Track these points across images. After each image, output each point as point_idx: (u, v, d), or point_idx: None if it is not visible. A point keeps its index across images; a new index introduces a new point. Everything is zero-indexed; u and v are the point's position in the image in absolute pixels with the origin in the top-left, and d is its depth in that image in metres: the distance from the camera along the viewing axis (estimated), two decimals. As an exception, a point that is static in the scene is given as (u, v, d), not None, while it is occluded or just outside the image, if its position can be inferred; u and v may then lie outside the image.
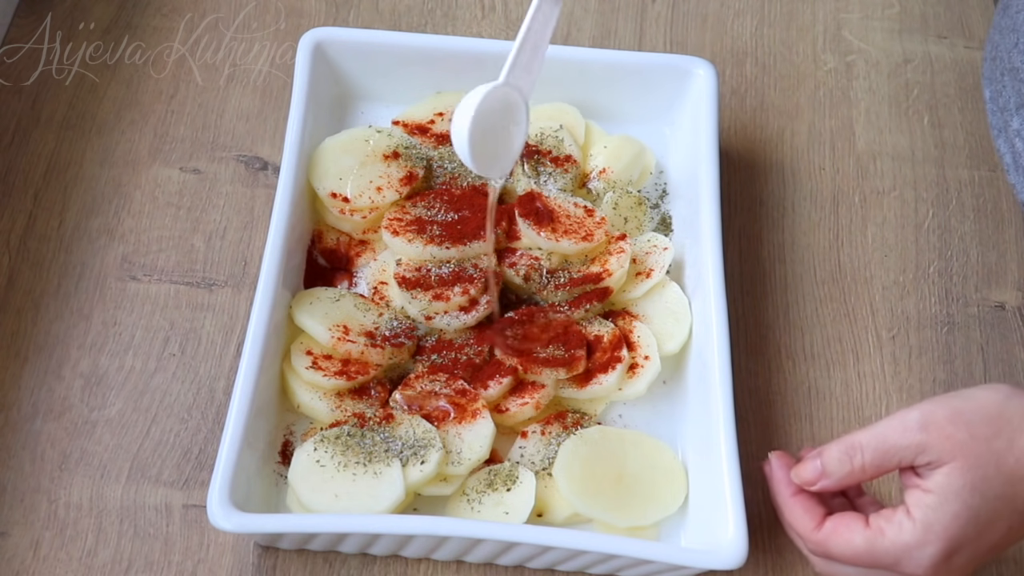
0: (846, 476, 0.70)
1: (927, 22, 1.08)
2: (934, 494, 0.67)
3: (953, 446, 0.67)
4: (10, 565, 0.77)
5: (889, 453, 0.69)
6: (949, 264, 0.95)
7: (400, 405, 0.81)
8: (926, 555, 0.68)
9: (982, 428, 0.67)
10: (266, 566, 0.78)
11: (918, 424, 0.68)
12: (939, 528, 0.67)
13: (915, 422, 0.68)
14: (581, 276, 0.86)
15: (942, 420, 0.67)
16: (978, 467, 0.67)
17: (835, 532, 0.71)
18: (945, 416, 0.67)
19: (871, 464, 0.69)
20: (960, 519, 0.67)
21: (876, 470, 0.70)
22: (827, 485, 0.71)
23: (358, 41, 0.94)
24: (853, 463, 0.70)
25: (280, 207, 0.84)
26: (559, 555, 0.76)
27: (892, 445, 0.68)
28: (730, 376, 0.80)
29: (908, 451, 0.68)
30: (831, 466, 0.71)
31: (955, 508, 0.67)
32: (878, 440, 0.69)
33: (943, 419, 0.67)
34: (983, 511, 0.67)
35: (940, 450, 0.67)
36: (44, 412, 0.82)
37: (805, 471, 0.72)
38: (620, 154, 0.93)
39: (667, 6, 1.07)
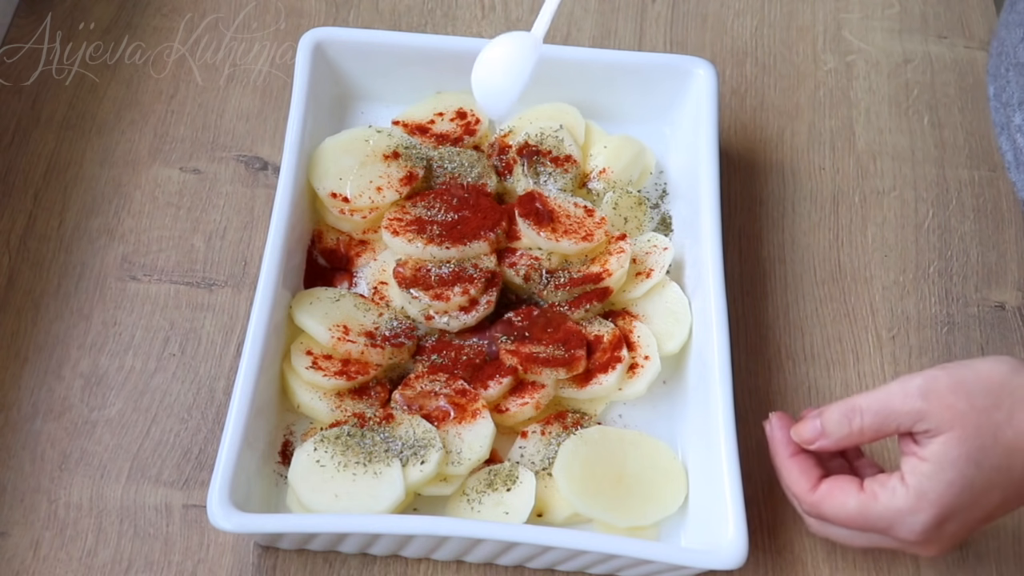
0: (844, 438, 0.71)
1: (927, 22, 1.08)
2: (930, 462, 0.67)
3: (953, 416, 0.67)
4: (10, 565, 0.77)
5: (889, 418, 0.69)
6: (949, 264, 0.95)
7: (400, 405, 0.81)
8: (918, 521, 0.68)
9: (983, 399, 0.67)
10: (266, 566, 0.78)
11: (919, 391, 0.68)
12: (933, 496, 0.67)
13: (916, 389, 0.68)
14: (581, 276, 0.86)
15: (944, 389, 0.67)
16: (976, 438, 0.67)
17: (830, 494, 0.71)
18: (947, 385, 0.68)
19: (870, 428, 0.70)
20: (954, 488, 0.67)
21: (874, 434, 0.70)
22: (825, 445, 0.72)
23: (358, 41, 0.94)
24: (852, 425, 0.70)
25: (280, 207, 0.84)
26: (559, 555, 0.76)
27: (892, 410, 0.69)
28: (730, 376, 0.80)
29: (907, 417, 0.68)
30: (830, 427, 0.71)
31: (950, 477, 0.67)
32: (879, 404, 0.69)
33: (945, 388, 0.67)
34: (978, 481, 0.67)
35: (939, 419, 0.67)
36: (44, 412, 0.82)
37: (804, 430, 0.72)
38: (620, 154, 0.93)
39: (667, 6, 1.07)
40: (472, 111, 0.94)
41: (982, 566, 0.82)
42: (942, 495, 0.68)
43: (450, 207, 0.87)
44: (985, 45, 1.07)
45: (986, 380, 0.68)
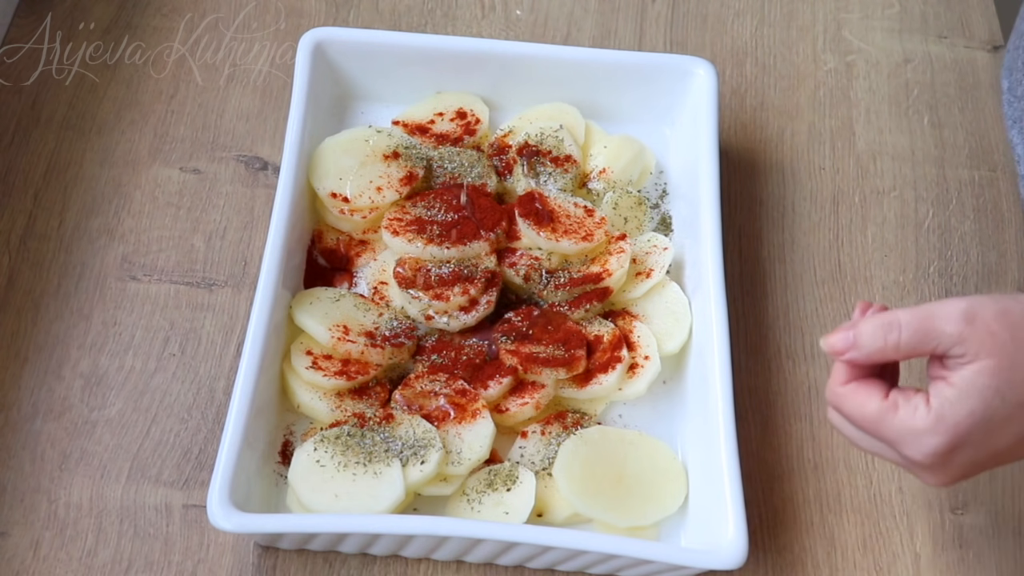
0: (876, 352, 0.68)
1: (927, 22, 1.08)
2: (957, 388, 0.65)
3: (993, 344, 0.65)
4: (10, 565, 0.77)
5: (928, 336, 0.66)
6: (949, 264, 0.95)
7: (400, 405, 0.81)
8: (930, 444, 0.66)
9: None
10: (266, 566, 0.78)
11: (964, 314, 0.65)
12: (951, 422, 0.65)
13: (961, 312, 0.65)
14: (581, 276, 0.86)
15: (989, 315, 0.65)
16: (1010, 370, 0.65)
17: (854, 392, 0.69)
18: (993, 312, 0.65)
19: (906, 344, 0.67)
20: (974, 417, 0.65)
21: (910, 351, 0.67)
22: (855, 357, 0.69)
23: (358, 41, 0.94)
24: (887, 339, 0.67)
25: (280, 207, 0.84)
26: (559, 555, 0.76)
27: (933, 329, 0.66)
28: (730, 376, 0.80)
29: (947, 339, 0.66)
30: (863, 339, 0.68)
31: (973, 405, 0.65)
32: (920, 321, 0.66)
33: (991, 315, 0.65)
34: (999, 415, 0.65)
35: (979, 345, 0.65)
36: (44, 412, 0.82)
37: (835, 339, 0.69)
38: (620, 154, 0.93)
39: (667, 6, 1.08)
40: (472, 111, 0.94)
41: (982, 566, 0.82)
42: (960, 423, 0.65)
43: (450, 207, 0.87)
44: (985, 45, 1.07)
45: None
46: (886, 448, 0.69)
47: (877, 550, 0.81)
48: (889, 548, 0.82)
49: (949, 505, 0.84)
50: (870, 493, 0.84)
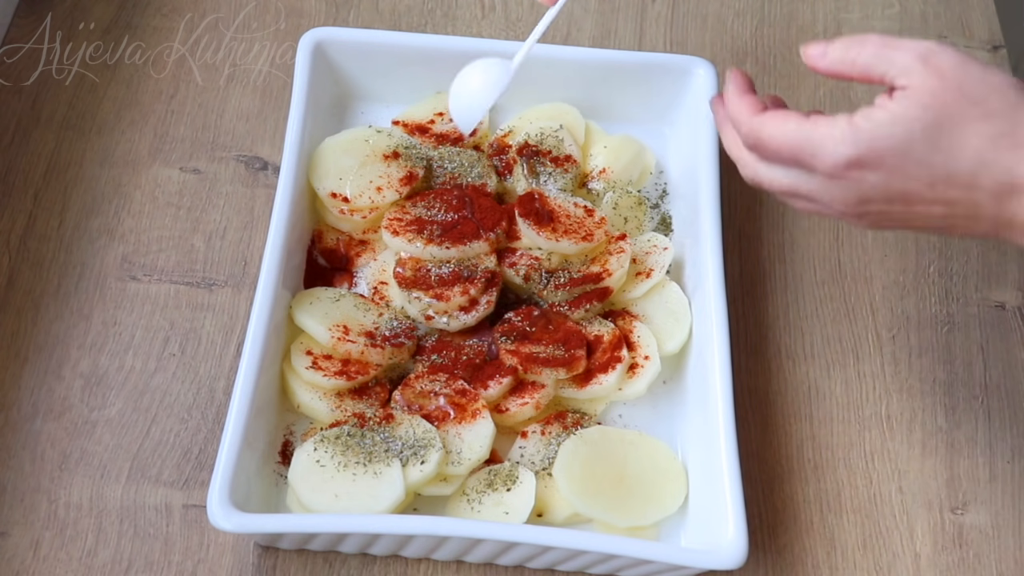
0: (839, 61, 0.69)
1: (927, 22, 1.08)
2: (886, 111, 0.66)
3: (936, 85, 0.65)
4: (10, 565, 0.77)
5: (881, 59, 0.67)
6: (949, 264, 0.95)
7: (400, 405, 0.81)
8: (840, 153, 0.67)
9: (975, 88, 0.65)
10: (266, 566, 0.78)
11: (923, 51, 0.66)
12: (867, 136, 0.66)
13: (923, 48, 0.66)
14: (581, 276, 0.86)
15: (946, 62, 0.66)
16: (944, 115, 0.65)
17: (772, 117, 0.70)
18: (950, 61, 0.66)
19: (863, 59, 0.68)
20: (892, 141, 0.66)
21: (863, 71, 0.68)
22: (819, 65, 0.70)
23: (358, 41, 0.94)
24: (849, 51, 0.68)
25: (280, 207, 0.84)
26: (559, 555, 0.76)
27: (889, 56, 0.67)
28: (730, 376, 0.80)
29: (897, 67, 0.66)
30: (833, 47, 0.69)
31: (895, 131, 0.66)
32: (881, 46, 0.68)
33: (947, 62, 0.66)
34: (917, 150, 0.66)
35: (922, 80, 0.66)
36: (44, 412, 0.82)
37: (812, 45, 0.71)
38: (620, 154, 0.93)
39: (667, 6, 1.08)
40: (472, 111, 0.94)
41: (982, 566, 0.82)
42: (876, 140, 0.66)
43: (450, 207, 0.87)
44: (985, 45, 1.07)
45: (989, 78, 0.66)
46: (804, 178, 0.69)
47: (877, 550, 0.81)
48: (889, 548, 0.82)
49: (949, 505, 0.84)
50: (870, 493, 0.84)
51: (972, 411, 0.88)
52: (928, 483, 0.84)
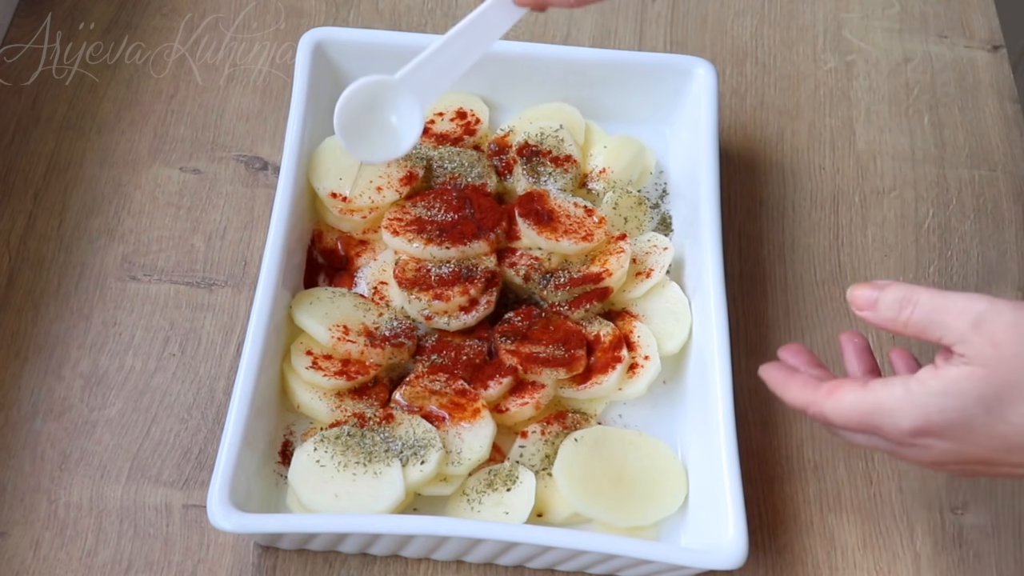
0: (888, 321, 0.68)
1: (927, 22, 1.08)
2: (942, 382, 0.65)
3: (991, 356, 0.64)
4: (10, 565, 0.77)
5: (934, 326, 0.66)
6: (949, 264, 0.95)
7: (400, 405, 0.81)
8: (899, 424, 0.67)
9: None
10: (266, 566, 0.78)
11: (975, 317, 0.64)
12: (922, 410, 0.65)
13: (974, 314, 0.65)
14: (581, 276, 0.86)
15: (1000, 327, 0.64)
16: (1003, 387, 0.64)
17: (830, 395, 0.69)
18: (1006, 326, 0.64)
19: (915, 324, 0.67)
20: (948, 415, 0.65)
21: (917, 332, 0.68)
22: (869, 318, 0.69)
23: (358, 41, 0.94)
24: (901, 313, 0.68)
25: (280, 207, 0.84)
26: (559, 555, 0.76)
27: (941, 321, 0.66)
28: (730, 376, 0.80)
29: (951, 334, 0.65)
30: (883, 303, 0.68)
31: (950, 404, 0.65)
32: (933, 308, 0.66)
33: (1002, 327, 0.64)
34: (980, 423, 0.65)
35: (977, 351, 0.64)
36: (44, 412, 0.82)
37: (860, 295, 0.70)
38: (620, 154, 0.93)
39: (667, 6, 1.08)
40: (472, 111, 0.94)
41: (982, 566, 0.82)
42: (931, 415, 0.65)
43: (450, 207, 0.87)
44: (985, 45, 1.07)
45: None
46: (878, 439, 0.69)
47: (877, 550, 0.81)
48: (889, 548, 0.82)
49: (949, 505, 0.84)
50: (870, 493, 0.84)
51: (972, 411, 0.87)
52: (928, 483, 0.84)
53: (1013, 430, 0.64)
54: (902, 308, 0.68)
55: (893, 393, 0.67)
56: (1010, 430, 0.64)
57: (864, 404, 0.68)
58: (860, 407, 0.68)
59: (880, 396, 0.67)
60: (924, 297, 0.67)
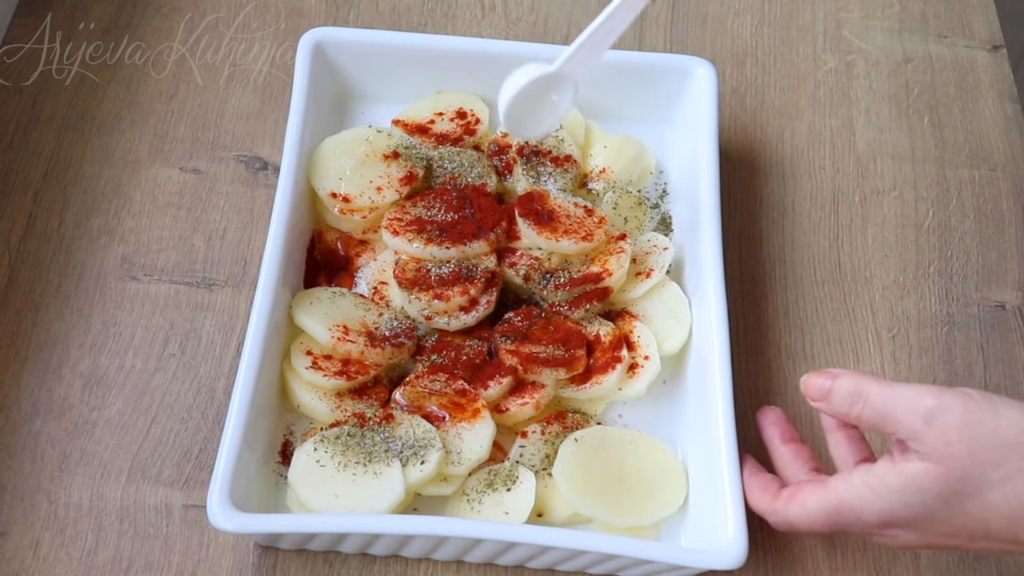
0: (841, 415, 0.70)
1: (927, 22, 1.08)
2: (900, 478, 0.66)
3: (946, 453, 0.64)
4: (10, 565, 0.77)
5: (886, 421, 0.67)
6: (949, 264, 0.95)
7: (400, 405, 0.81)
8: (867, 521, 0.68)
9: (987, 452, 0.64)
10: (266, 566, 0.78)
11: (925, 414, 0.65)
12: (884, 505, 0.67)
13: (924, 411, 0.65)
14: (581, 276, 0.86)
15: (950, 424, 0.64)
16: (959, 483, 0.64)
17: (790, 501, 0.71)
18: (956, 422, 0.64)
19: (867, 420, 0.68)
20: (911, 510, 0.66)
21: (869, 427, 0.69)
22: (822, 409, 0.71)
23: (358, 41, 0.94)
24: (852, 409, 0.69)
25: (280, 207, 0.84)
26: (559, 555, 0.76)
27: (893, 417, 0.67)
28: (730, 376, 0.80)
29: (903, 431, 0.66)
30: (835, 398, 0.70)
31: (910, 500, 0.66)
32: (883, 404, 0.67)
33: (952, 423, 0.64)
34: (940, 516, 0.66)
35: (931, 448, 0.65)
36: (44, 412, 0.82)
37: (813, 386, 0.71)
38: (620, 154, 0.93)
39: (667, 6, 1.07)
40: (472, 111, 0.94)
41: (982, 566, 0.82)
42: (895, 510, 0.67)
43: (450, 207, 0.87)
44: (985, 45, 1.07)
45: (1000, 433, 0.64)
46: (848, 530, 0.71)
47: (877, 550, 0.81)
48: (889, 548, 0.81)
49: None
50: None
51: (972, 411, 0.87)
52: (928, 483, 0.84)
53: (973, 522, 0.65)
54: (853, 403, 0.69)
55: (855, 491, 0.68)
56: (970, 521, 0.65)
57: (828, 503, 0.69)
58: (824, 507, 0.69)
59: (842, 494, 0.69)
60: (874, 391, 0.68)
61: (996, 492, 0.64)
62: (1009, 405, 0.65)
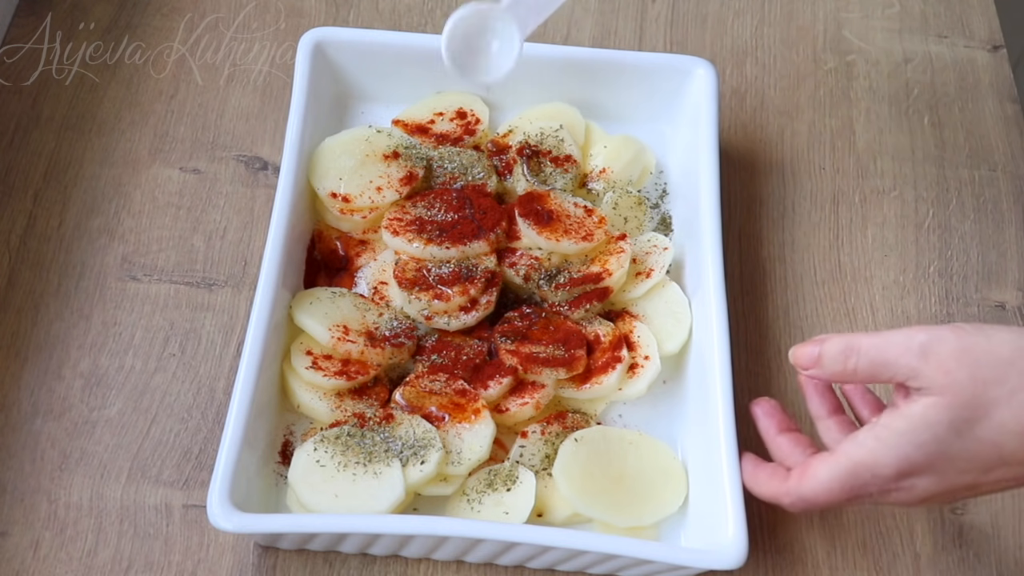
0: (837, 374, 0.69)
1: (927, 22, 1.08)
2: (908, 419, 0.65)
3: (948, 382, 0.64)
4: (10, 565, 0.77)
5: (883, 367, 0.67)
6: (949, 264, 0.95)
7: (400, 405, 0.81)
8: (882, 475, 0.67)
9: (987, 371, 0.64)
10: (266, 566, 0.78)
11: (920, 349, 0.65)
12: (899, 452, 0.66)
13: (918, 346, 0.65)
14: (581, 276, 0.86)
15: (946, 352, 0.64)
16: (966, 408, 0.64)
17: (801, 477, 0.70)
18: (951, 349, 0.65)
19: (863, 371, 0.68)
20: (924, 449, 0.65)
21: (867, 378, 0.68)
22: (818, 375, 0.70)
23: (358, 41, 0.94)
24: (847, 364, 0.68)
25: (280, 207, 0.84)
26: (559, 555, 0.76)
27: (888, 360, 0.66)
28: (730, 376, 0.80)
29: (902, 371, 0.66)
30: (827, 359, 0.69)
31: (923, 439, 0.65)
32: (877, 351, 0.67)
33: (948, 352, 0.64)
34: (955, 449, 0.65)
35: (933, 381, 0.65)
36: (44, 412, 0.82)
37: (802, 354, 0.71)
38: (620, 154, 0.93)
39: (667, 6, 1.08)
40: (472, 111, 0.94)
41: (982, 566, 0.82)
42: (909, 454, 0.66)
43: (450, 207, 0.87)
44: (985, 45, 1.07)
45: (996, 351, 0.64)
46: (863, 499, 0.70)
47: (877, 550, 0.81)
48: (889, 548, 0.82)
49: (949, 505, 0.84)
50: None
51: (972, 411, 0.87)
52: (928, 483, 0.84)
53: (986, 447, 0.65)
54: (847, 359, 0.68)
55: (866, 447, 0.67)
56: (983, 448, 0.65)
57: (841, 468, 0.68)
58: (838, 473, 0.68)
59: (853, 455, 0.68)
60: (865, 342, 0.68)
61: (1004, 410, 0.64)
62: (998, 329, 0.65)
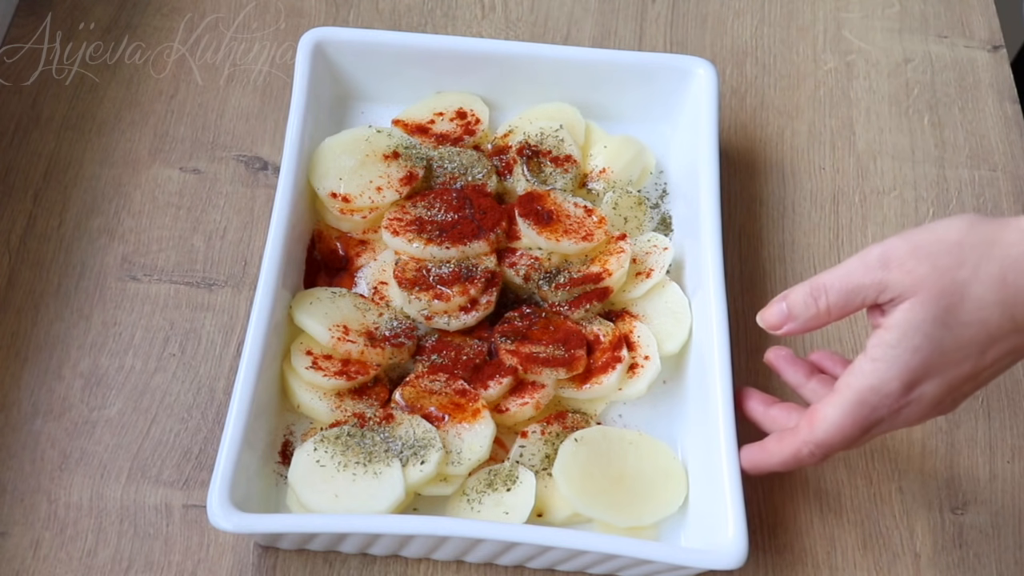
0: (812, 319, 0.70)
1: (927, 22, 1.08)
2: (894, 330, 0.66)
3: (915, 280, 0.66)
4: (10, 565, 0.77)
5: (852, 292, 0.68)
6: (949, 264, 0.94)
7: (400, 405, 0.81)
8: (889, 393, 0.67)
9: (944, 259, 0.66)
10: (266, 566, 0.78)
11: (879, 260, 0.67)
12: (899, 364, 0.66)
13: (876, 259, 0.67)
14: (581, 276, 0.86)
15: (903, 255, 0.66)
16: (942, 297, 0.65)
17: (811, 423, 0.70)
18: (906, 251, 0.66)
19: (836, 305, 0.69)
20: (921, 352, 0.66)
21: (841, 311, 0.69)
22: (793, 328, 0.71)
23: (358, 41, 0.94)
24: (819, 305, 0.69)
25: (280, 207, 0.84)
26: (559, 555, 0.76)
27: (855, 284, 0.67)
28: (730, 376, 0.80)
29: (871, 289, 0.67)
30: (797, 308, 0.70)
31: (915, 342, 0.66)
32: (841, 280, 0.68)
33: (904, 254, 0.66)
34: (948, 341, 0.66)
35: (901, 285, 0.66)
36: (44, 412, 0.82)
37: (770, 315, 0.72)
38: (620, 154, 0.93)
39: (667, 6, 1.08)
40: (472, 111, 0.94)
41: (982, 566, 0.82)
42: (908, 361, 0.66)
43: (450, 207, 0.87)
44: (985, 45, 1.07)
45: (944, 240, 0.66)
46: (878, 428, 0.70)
47: (877, 550, 0.81)
48: (889, 548, 0.82)
49: (949, 505, 0.84)
50: (870, 493, 0.84)
51: (972, 411, 0.87)
52: (928, 483, 0.84)
53: (974, 329, 0.66)
54: (816, 299, 0.69)
55: (865, 372, 0.68)
56: (972, 331, 0.66)
57: (848, 401, 0.69)
58: (847, 407, 0.69)
59: (856, 384, 0.68)
60: (827, 278, 0.69)
61: (976, 287, 0.65)
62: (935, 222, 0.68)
